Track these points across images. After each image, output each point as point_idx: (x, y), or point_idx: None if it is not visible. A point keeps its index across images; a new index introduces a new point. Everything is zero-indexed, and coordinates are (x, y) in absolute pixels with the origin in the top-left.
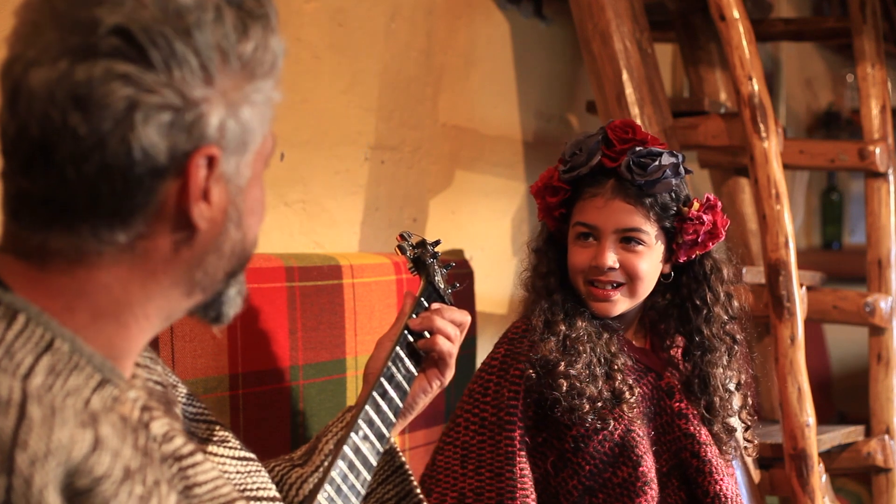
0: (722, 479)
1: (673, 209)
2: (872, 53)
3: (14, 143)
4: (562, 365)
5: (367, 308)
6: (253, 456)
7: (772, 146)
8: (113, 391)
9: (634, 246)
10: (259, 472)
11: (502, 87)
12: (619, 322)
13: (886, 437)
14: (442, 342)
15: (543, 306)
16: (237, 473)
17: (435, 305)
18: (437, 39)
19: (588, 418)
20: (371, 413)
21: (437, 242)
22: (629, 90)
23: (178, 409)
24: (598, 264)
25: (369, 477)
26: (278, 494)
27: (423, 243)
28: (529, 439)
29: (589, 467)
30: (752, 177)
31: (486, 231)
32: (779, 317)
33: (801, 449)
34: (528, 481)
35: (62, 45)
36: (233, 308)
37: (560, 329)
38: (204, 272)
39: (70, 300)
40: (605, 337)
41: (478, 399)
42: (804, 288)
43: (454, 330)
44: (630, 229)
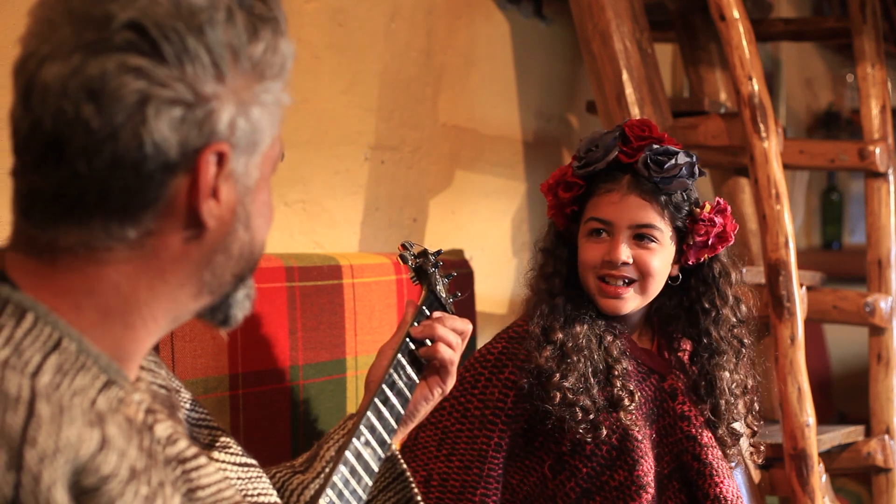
0: (722, 482)
1: (685, 209)
2: (872, 53)
3: (27, 138)
4: (556, 376)
5: (367, 308)
6: (254, 462)
7: (772, 146)
8: (118, 393)
9: (648, 243)
10: (260, 477)
11: (502, 87)
12: (624, 324)
13: (886, 437)
14: (443, 350)
15: (544, 311)
16: (238, 479)
17: (437, 314)
18: (437, 39)
19: (581, 429)
20: (373, 419)
21: (439, 252)
22: (629, 90)
23: (181, 414)
24: (612, 258)
25: (371, 482)
26: (279, 500)
27: (424, 253)
28: (524, 442)
29: (586, 470)
30: (752, 177)
31: (486, 231)
32: (779, 317)
33: (801, 449)
34: (493, 483)
35: (76, 40)
36: (241, 311)
37: (557, 337)
38: (212, 273)
39: (78, 299)
40: (606, 341)
41: (467, 388)
42: (804, 288)
43: (456, 338)
44: (644, 225)
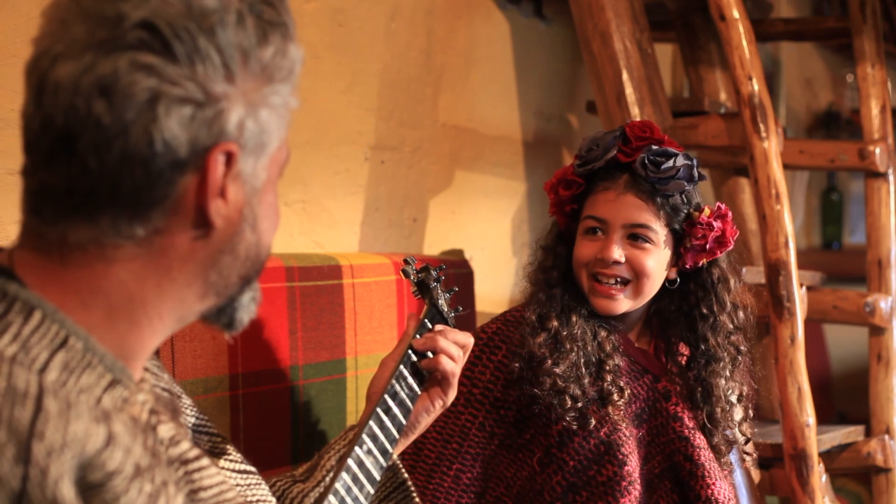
0: (714, 483)
1: (684, 212)
2: (872, 53)
3: (38, 135)
4: (547, 362)
5: (367, 308)
6: (253, 469)
7: (772, 146)
8: (123, 392)
9: (642, 243)
10: (259, 485)
11: (502, 87)
12: (622, 322)
13: (886, 437)
14: (445, 361)
15: (540, 298)
16: (237, 486)
17: (438, 327)
18: (437, 39)
19: (568, 416)
20: (375, 428)
21: (441, 268)
22: (629, 90)
23: (182, 419)
24: (604, 257)
25: (373, 490)
26: None
27: (426, 268)
28: (517, 433)
29: (573, 463)
30: (752, 177)
31: (486, 231)
32: (779, 317)
33: (801, 449)
34: (469, 460)
35: (88, 38)
36: (247, 314)
37: (552, 325)
38: (218, 273)
39: (85, 296)
40: (600, 335)
41: None
42: (804, 288)
43: (458, 350)
44: (639, 225)
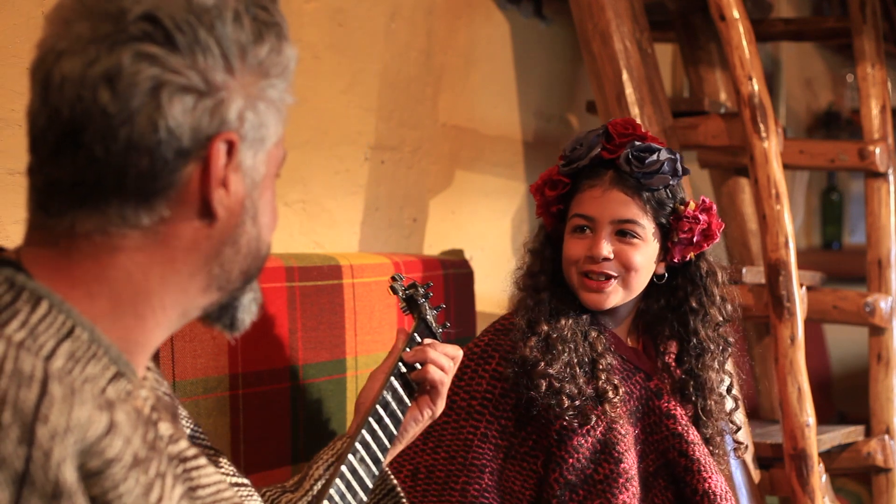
0: (710, 477)
1: (669, 206)
2: (872, 53)
3: (44, 130)
4: (541, 364)
5: (367, 308)
6: (247, 482)
7: (772, 146)
8: (126, 385)
9: (630, 239)
10: (252, 496)
11: (502, 87)
12: (611, 319)
13: (886, 437)
14: (434, 371)
15: (528, 304)
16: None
17: (427, 341)
18: (437, 39)
19: (567, 415)
20: (367, 436)
21: (429, 285)
22: (629, 90)
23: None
24: (594, 254)
25: (366, 498)
26: None
27: (414, 284)
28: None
29: (572, 461)
30: (752, 177)
31: (486, 231)
32: (779, 317)
33: (801, 449)
34: (476, 471)
35: (92, 34)
36: (248, 315)
37: (542, 329)
38: (221, 266)
39: (92, 287)
40: (591, 336)
41: (452, 382)
42: (804, 288)
43: (448, 361)
44: (626, 220)
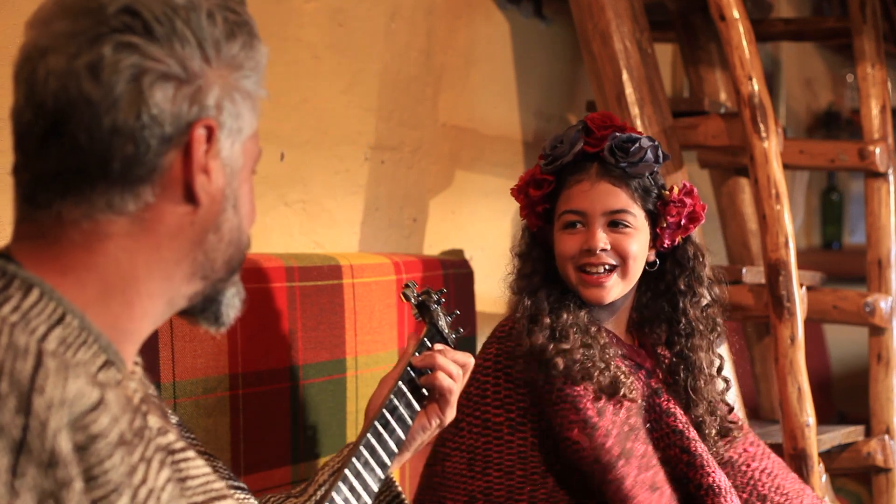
0: (714, 472)
1: (654, 192)
2: (872, 53)
3: (30, 125)
4: (550, 347)
5: (367, 308)
6: (243, 485)
7: (772, 146)
8: (116, 374)
9: (623, 228)
10: (248, 499)
11: (502, 87)
12: (609, 316)
13: (886, 437)
14: (443, 378)
15: (526, 303)
16: None
17: (438, 346)
18: (437, 39)
19: (594, 373)
20: (373, 441)
21: (442, 291)
22: (629, 90)
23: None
24: (591, 246)
25: (370, 502)
26: None
27: (427, 291)
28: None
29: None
30: (752, 177)
31: (486, 231)
32: (779, 317)
33: (801, 449)
34: (538, 479)
35: (74, 29)
36: (232, 310)
37: (546, 321)
38: (205, 254)
39: (81, 274)
40: (592, 330)
41: (477, 401)
42: (804, 288)
43: (457, 369)
44: (618, 210)
